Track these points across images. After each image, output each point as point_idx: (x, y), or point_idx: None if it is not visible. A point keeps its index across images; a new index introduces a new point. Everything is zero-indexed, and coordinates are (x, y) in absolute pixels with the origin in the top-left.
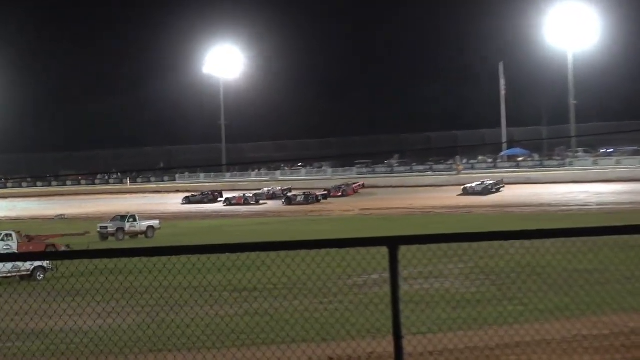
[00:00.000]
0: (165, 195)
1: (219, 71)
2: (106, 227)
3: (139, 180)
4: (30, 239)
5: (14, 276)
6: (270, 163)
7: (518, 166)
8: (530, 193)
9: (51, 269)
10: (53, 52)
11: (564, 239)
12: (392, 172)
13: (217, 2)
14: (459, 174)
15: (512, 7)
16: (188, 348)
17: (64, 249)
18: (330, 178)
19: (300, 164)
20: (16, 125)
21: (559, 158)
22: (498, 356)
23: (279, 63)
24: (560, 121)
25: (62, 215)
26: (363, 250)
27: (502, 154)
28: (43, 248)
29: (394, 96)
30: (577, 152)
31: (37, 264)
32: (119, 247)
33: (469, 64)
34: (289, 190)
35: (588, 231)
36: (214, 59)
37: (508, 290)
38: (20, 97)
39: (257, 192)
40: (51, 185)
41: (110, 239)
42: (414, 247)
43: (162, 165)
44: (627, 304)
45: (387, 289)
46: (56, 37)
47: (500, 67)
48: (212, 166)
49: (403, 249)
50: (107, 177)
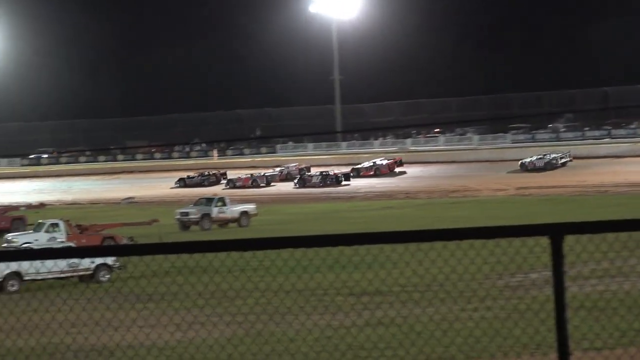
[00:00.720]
0: (263, 171)
1: (330, 10)
2: (187, 214)
3: (229, 152)
4: (82, 229)
5: (71, 276)
6: (399, 129)
7: None
8: None
9: (118, 268)
10: None
11: None
12: (557, 138)
13: None
14: None
15: None
16: None
17: (125, 242)
18: (477, 147)
19: (437, 129)
20: (72, 84)
21: None
22: None
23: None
24: None
25: (131, 198)
26: (517, 242)
27: None
28: (99, 241)
29: (559, 41)
30: None
31: (100, 261)
32: (203, 238)
33: None
34: (307, 169)
35: None
36: None
37: None
38: (77, 50)
39: (269, 172)
40: (117, 160)
41: (194, 228)
42: (584, 238)
43: (258, 132)
44: None
45: (549, 291)
46: None
47: None
48: (323, 133)
49: (570, 240)
50: (188, 148)
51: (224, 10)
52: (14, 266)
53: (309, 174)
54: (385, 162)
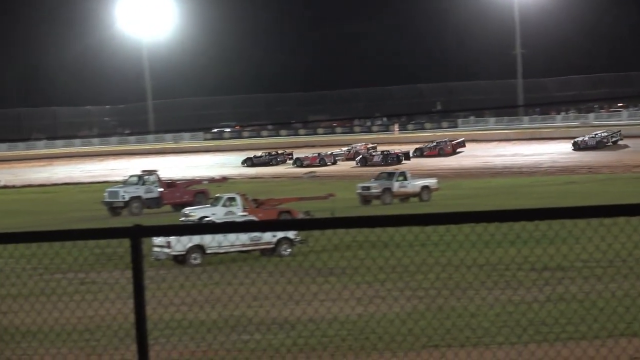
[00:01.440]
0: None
1: None
2: (369, 188)
3: (409, 126)
4: (259, 203)
5: (253, 250)
6: (581, 103)
7: None
8: None
9: (300, 242)
10: None
11: None
12: None
13: None
14: None
15: None
16: (473, 343)
17: (301, 216)
18: None
19: (620, 104)
20: (255, 58)
21: None
22: None
23: None
24: None
25: (312, 172)
26: None
27: None
28: (275, 215)
29: None
30: None
31: (281, 234)
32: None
33: None
34: (374, 149)
35: None
36: None
37: None
38: (260, 24)
39: (337, 151)
40: (298, 135)
41: (375, 202)
42: None
43: (439, 107)
44: None
45: None
46: None
47: None
48: (504, 107)
49: None
50: (369, 122)
51: None
52: (196, 239)
53: (372, 152)
54: (449, 142)
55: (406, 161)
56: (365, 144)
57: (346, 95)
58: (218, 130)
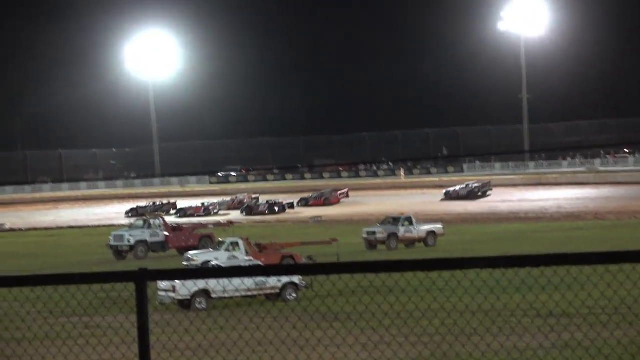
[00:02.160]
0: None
1: (519, 27)
2: (374, 233)
3: (415, 171)
4: (262, 248)
5: (258, 295)
6: (587, 149)
7: None
8: None
9: (305, 287)
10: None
11: None
12: None
13: None
14: None
15: None
16: None
17: (304, 261)
18: None
19: (626, 150)
20: (260, 102)
21: None
22: None
23: (594, 13)
24: None
25: (318, 217)
26: None
27: None
28: (278, 260)
29: None
30: None
31: (287, 279)
32: (389, 258)
33: None
34: (256, 199)
35: None
36: (512, 12)
37: None
38: (264, 69)
39: (220, 201)
40: (304, 179)
41: (380, 247)
42: None
43: (445, 152)
44: None
45: None
46: None
47: None
48: (511, 153)
49: None
50: (374, 167)
51: (412, 31)
52: (201, 284)
53: (256, 203)
54: (334, 192)
55: (290, 210)
56: (249, 194)
57: (352, 140)
58: (224, 174)
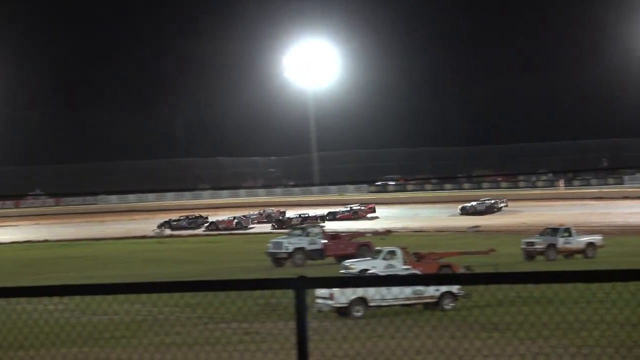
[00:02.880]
0: (610, 202)
1: None
2: (533, 243)
3: (575, 182)
4: (419, 257)
5: (416, 304)
6: None
7: None
8: None
9: (463, 296)
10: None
11: None
12: None
13: None
14: None
15: None
16: None
17: (462, 270)
18: None
19: None
20: (416, 111)
21: None
22: None
23: None
24: None
25: (476, 227)
26: None
27: None
28: (435, 269)
29: None
30: None
31: (445, 288)
32: (548, 269)
33: None
34: (284, 213)
35: None
36: None
37: None
38: (423, 79)
39: (248, 214)
40: (462, 189)
41: (539, 258)
42: None
43: (605, 163)
44: None
45: None
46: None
47: None
48: None
49: None
50: (533, 177)
51: (572, 41)
52: (359, 291)
53: (287, 217)
54: (363, 207)
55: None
56: (278, 209)
57: (511, 150)
58: (382, 183)
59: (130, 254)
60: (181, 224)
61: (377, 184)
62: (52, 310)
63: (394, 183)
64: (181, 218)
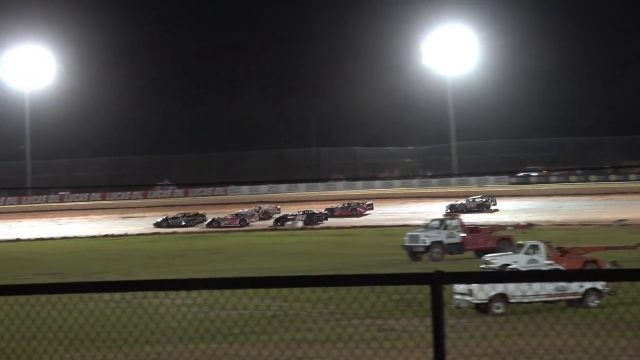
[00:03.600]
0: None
1: None
2: None
3: None
4: (564, 252)
5: (559, 301)
6: None
7: None
8: None
9: (608, 293)
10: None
11: None
12: None
13: None
14: None
15: None
16: None
17: (608, 266)
18: None
19: None
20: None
21: None
22: None
23: None
24: None
25: (623, 220)
26: None
27: None
28: (580, 265)
29: None
30: None
31: (589, 285)
32: None
33: None
34: (279, 209)
35: None
36: None
37: None
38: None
39: (246, 211)
40: (609, 180)
41: None
42: None
43: None
44: None
45: None
46: None
47: None
48: None
49: None
50: None
51: None
52: (499, 287)
53: (290, 214)
54: (360, 204)
55: (325, 220)
56: (275, 205)
57: None
58: (524, 174)
59: (258, 246)
60: (178, 222)
61: (519, 175)
62: (179, 305)
63: (536, 174)
64: (179, 216)
